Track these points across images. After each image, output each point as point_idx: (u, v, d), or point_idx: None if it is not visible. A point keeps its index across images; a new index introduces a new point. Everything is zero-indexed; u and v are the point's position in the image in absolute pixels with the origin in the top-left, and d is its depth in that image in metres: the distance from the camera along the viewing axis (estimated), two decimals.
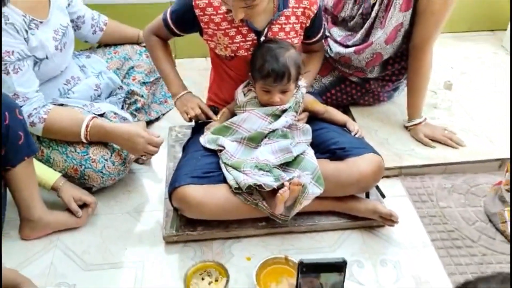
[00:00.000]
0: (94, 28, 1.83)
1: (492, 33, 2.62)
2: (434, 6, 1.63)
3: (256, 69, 1.49)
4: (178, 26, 1.58)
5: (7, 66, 1.42)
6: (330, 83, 1.95)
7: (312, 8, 1.55)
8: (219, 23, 1.50)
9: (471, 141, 1.84)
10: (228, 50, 1.56)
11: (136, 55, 1.94)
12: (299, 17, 1.55)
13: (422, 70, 1.76)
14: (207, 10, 1.49)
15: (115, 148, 1.61)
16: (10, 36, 1.42)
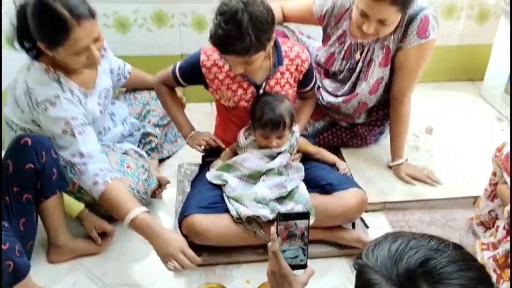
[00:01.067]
0: (120, 76, 2.03)
1: (471, 82, 2.85)
2: (408, 63, 1.86)
3: (256, 119, 1.71)
4: (185, 79, 1.80)
5: (73, 129, 1.58)
6: (322, 127, 2.17)
7: (304, 64, 1.78)
8: (223, 80, 1.73)
9: (448, 180, 2.03)
10: (231, 102, 1.78)
11: (153, 100, 2.14)
12: (292, 72, 1.78)
13: (401, 118, 1.99)
14: (212, 69, 1.72)
15: (140, 179, 1.78)
16: (74, 105, 1.60)
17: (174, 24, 2.47)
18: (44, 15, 1.45)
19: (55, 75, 1.59)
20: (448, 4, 2.61)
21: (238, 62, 1.58)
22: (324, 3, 1.95)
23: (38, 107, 1.56)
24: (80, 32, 1.46)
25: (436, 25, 1.82)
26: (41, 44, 1.51)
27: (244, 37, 1.47)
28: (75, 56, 1.52)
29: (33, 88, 1.56)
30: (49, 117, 1.56)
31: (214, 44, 1.55)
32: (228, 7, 1.49)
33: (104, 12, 2.39)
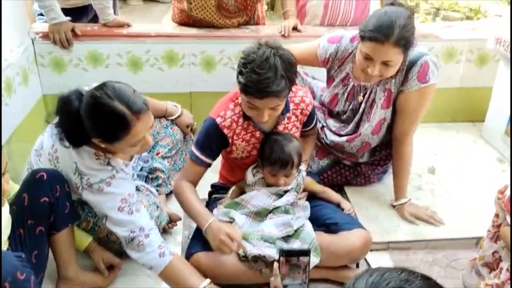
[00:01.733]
0: None
1: (472, 124, 2.91)
2: (409, 106, 1.94)
3: (265, 157, 1.77)
4: (210, 153, 1.77)
5: (131, 207, 1.60)
6: (327, 165, 2.23)
7: (308, 108, 1.87)
8: (239, 133, 1.79)
9: (451, 220, 2.06)
10: (244, 152, 1.84)
11: (163, 129, 2.17)
12: (298, 116, 1.87)
13: (404, 158, 2.04)
14: (231, 126, 1.77)
15: (153, 216, 1.79)
16: (128, 182, 1.66)
17: (184, 64, 2.58)
18: (103, 115, 1.47)
19: (106, 159, 1.61)
20: (449, 48, 2.71)
21: (268, 108, 1.63)
22: (328, 47, 2.04)
23: (91, 187, 1.57)
24: (139, 126, 1.50)
25: (436, 70, 1.90)
26: (96, 139, 1.53)
27: (280, 79, 1.56)
28: (130, 148, 1.56)
29: (86, 172, 1.58)
30: (104, 196, 1.58)
31: (250, 90, 1.58)
32: (258, 54, 1.57)
33: (118, 51, 2.50)
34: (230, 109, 1.77)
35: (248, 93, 1.59)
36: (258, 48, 1.59)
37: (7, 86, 2.06)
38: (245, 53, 1.62)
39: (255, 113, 1.67)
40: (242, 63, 1.60)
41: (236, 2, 2.49)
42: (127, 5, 6.28)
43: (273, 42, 1.64)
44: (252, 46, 1.63)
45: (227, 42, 2.55)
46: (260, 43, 1.62)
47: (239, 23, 2.62)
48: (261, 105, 1.62)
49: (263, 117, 1.65)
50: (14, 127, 2.12)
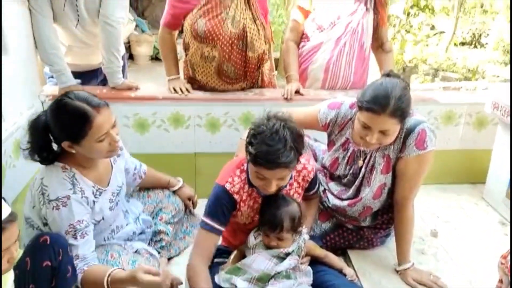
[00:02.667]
0: (135, 176, 2.15)
1: (473, 185, 2.94)
2: (408, 172, 1.97)
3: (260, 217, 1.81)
4: (224, 220, 1.79)
5: (76, 232, 1.68)
6: (329, 228, 2.23)
7: (310, 175, 1.92)
8: (245, 199, 1.84)
9: (454, 285, 2.04)
10: (248, 218, 1.87)
11: (165, 198, 2.24)
12: (300, 182, 1.91)
13: (405, 222, 2.05)
14: (240, 192, 1.81)
15: None
16: (82, 207, 1.71)
17: (189, 125, 2.65)
18: (66, 114, 1.65)
19: (71, 173, 1.72)
20: (447, 111, 2.78)
21: (276, 178, 1.68)
22: (328, 112, 2.11)
23: (49, 204, 1.67)
24: (100, 119, 1.66)
25: (434, 137, 1.95)
26: (66, 143, 1.67)
27: (289, 151, 1.61)
28: (98, 144, 1.67)
29: (47, 185, 1.68)
30: (57, 217, 1.67)
31: (260, 161, 1.62)
32: (268, 127, 1.64)
33: (125, 114, 2.58)
34: (237, 175, 1.82)
35: (258, 164, 1.64)
36: (267, 120, 1.66)
37: (15, 148, 2.12)
38: (255, 125, 1.68)
39: (263, 183, 1.71)
40: (252, 134, 1.66)
41: (236, 69, 2.58)
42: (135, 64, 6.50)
43: (282, 114, 1.71)
44: (261, 117, 1.69)
45: (232, 104, 2.64)
46: (270, 115, 1.69)
47: (242, 88, 2.71)
48: (270, 175, 1.66)
49: (271, 187, 1.70)
50: (21, 188, 2.15)
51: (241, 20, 2.48)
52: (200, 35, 2.46)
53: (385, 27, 2.83)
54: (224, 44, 2.48)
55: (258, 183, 1.74)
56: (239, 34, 2.48)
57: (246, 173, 1.80)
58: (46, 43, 2.35)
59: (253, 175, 1.72)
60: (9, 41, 2.09)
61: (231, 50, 2.51)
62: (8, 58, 2.08)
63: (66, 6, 2.37)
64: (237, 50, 2.52)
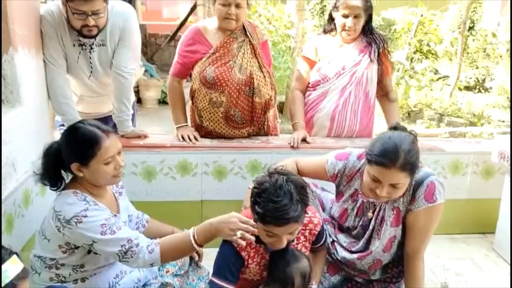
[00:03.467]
0: (138, 225, 2.15)
1: (483, 235, 2.90)
2: (418, 225, 1.95)
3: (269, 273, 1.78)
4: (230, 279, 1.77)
5: (112, 227, 1.73)
6: (338, 281, 2.18)
7: (317, 228, 1.91)
8: (253, 256, 1.82)
9: None
10: (256, 275, 1.86)
11: None
12: (306, 236, 1.90)
13: (416, 275, 2.01)
14: (247, 248, 1.79)
15: None
16: (103, 211, 1.77)
17: (196, 173, 2.66)
18: (78, 136, 1.77)
19: (82, 196, 1.78)
20: (454, 160, 2.78)
21: (286, 233, 1.67)
22: (336, 163, 2.12)
23: (69, 223, 1.70)
24: (108, 142, 1.77)
25: (443, 190, 1.95)
26: (74, 165, 1.76)
27: (296, 204, 1.62)
28: (105, 166, 1.76)
29: (60, 209, 1.73)
30: (83, 228, 1.70)
31: (268, 220, 1.61)
32: (271, 183, 1.64)
33: (133, 161, 2.60)
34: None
35: (267, 222, 1.63)
36: (269, 177, 1.66)
37: (24, 198, 2.12)
38: (257, 183, 1.68)
39: (273, 240, 1.70)
40: (256, 193, 1.66)
41: (243, 114, 2.63)
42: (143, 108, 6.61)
43: (283, 169, 1.72)
44: (263, 175, 1.70)
45: (239, 152, 2.66)
46: (270, 171, 1.69)
47: (248, 133, 2.75)
48: (281, 232, 1.66)
49: (282, 243, 1.69)
50: (28, 237, 2.15)
51: (248, 67, 2.58)
52: (209, 81, 2.53)
53: (389, 77, 2.89)
54: (232, 90, 2.55)
55: (268, 241, 1.72)
56: (246, 81, 2.56)
57: None
58: (59, 93, 2.40)
59: (263, 234, 1.71)
60: (23, 92, 2.14)
61: (238, 96, 2.56)
62: (21, 108, 2.13)
63: (80, 58, 2.44)
64: (244, 95, 2.59)
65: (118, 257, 1.72)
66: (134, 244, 1.72)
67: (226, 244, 1.78)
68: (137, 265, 1.75)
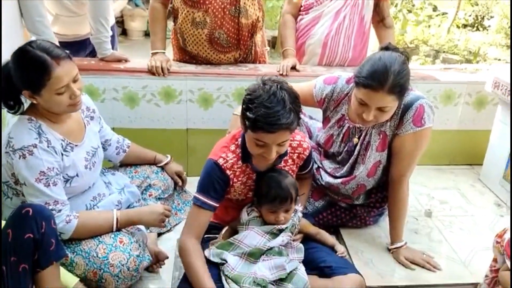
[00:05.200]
0: (118, 150, 2.10)
1: (471, 167, 2.90)
2: (405, 149, 1.92)
3: (263, 195, 1.74)
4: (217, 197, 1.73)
5: (48, 180, 1.67)
6: (322, 206, 2.19)
7: (305, 152, 1.86)
8: (239, 175, 1.77)
9: (447, 266, 2.01)
10: (241, 195, 1.82)
11: (153, 174, 2.18)
12: (294, 160, 1.85)
13: (400, 201, 2.00)
14: (233, 167, 1.74)
15: (132, 255, 1.75)
16: (50, 155, 1.69)
17: (181, 100, 2.58)
18: (25, 62, 1.62)
19: (37, 123, 1.70)
20: (447, 90, 2.72)
21: (276, 142, 1.61)
22: (324, 87, 2.04)
23: (15, 154, 1.65)
24: (59, 70, 1.63)
25: (432, 113, 1.89)
26: (26, 92, 1.66)
27: (289, 112, 1.56)
28: (58, 96, 1.65)
29: (13, 136, 1.67)
30: (25, 165, 1.65)
31: (260, 125, 1.55)
32: (265, 89, 1.57)
33: (114, 86, 2.51)
34: (231, 151, 1.75)
35: (257, 129, 1.57)
36: (263, 84, 1.60)
37: None
38: (250, 90, 1.61)
39: (262, 151, 1.64)
40: (248, 100, 1.59)
41: (228, 37, 2.51)
42: (128, 40, 6.38)
43: (277, 77, 1.65)
44: (256, 83, 1.63)
45: (225, 79, 2.57)
46: (264, 79, 1.62)
47: (235, 58, 2.63)
48: (271, 140, 1.59)
49: (271, 153, 1.63)
50: None
51: None
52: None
53: (387, 1, 2.74)
54: (216, 9, 2.41)
55: (257, 152, 1.66)
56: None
57: (240, 148, 1.74)
58: (33, 11, 2.26)
59: (252, 144, 1.65)
60: None
61: (223, 16, 2.43)
62: None
63: None
64: (230, 16, 2.45)
65: None
66: (57, 208, 1.68)
67: (212, 160, 1.74)
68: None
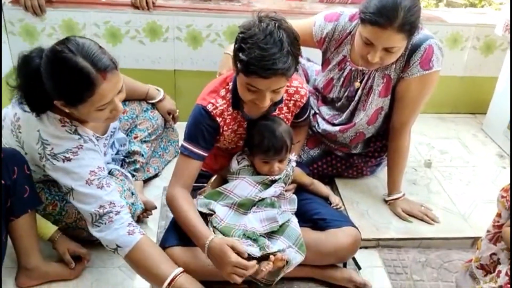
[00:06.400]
0: None
1: (473, 116, 2.79)
2: (409, 94, 1.78)
3: (256, 145, 1.60)
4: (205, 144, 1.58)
5: (101, 180, 1.45)
6: (317, 155, 2.08)
7: (303, 100, 1.70)
8: (229, 123, 1.62)
9: (446, 218, 1.94)
10: (231, 143, 1.68)
11: (142, 112, 2.03)
12: (290, 107, 1.70)
13: (400, 150, 1.90)
14: (223, 114, 1.59)
15: (127, 202, 1.62)
16: (98, 154, 1.50)
17: (168, 38, 2.40)
18: (64, 72, 1.32)
19: (72, 127, 1.46)
20: (454, 33, 2.54)
21: (270, 90, 1.45)
22: (325, 25, 1.86)
23: (55, 158, 1.42)
24: (105, 87, 1.34)
25: (441, 56, 1.74)
26: (59, 102, 1.38)
27: (286, 55, 1.38)
28: (97, 112, 1.40)
29: (50, 141, 1.43)
30: (70, 167, 1.42)
31: (253, 69, 1.38)
32: (261, 28, 1.38)
33: (95, 21, 2.32)
34: (221, 96, 1.59)
35: (250, 72, 1.39)
36: (259, 21, 1.40)
37: None
38: (244, 27, 1.41)
39: (255, 97, 1.47)
40: (241, 38, 1.40)
41: None
42: None
43: (275, 15, 1.44)
44: (251, 19, 1.42)
45: (216, 16, 2.37)
46: (261, 16, 1.42)
47: None
48: (265, 86, 1.42)
49: (265, 101, 1.46)
50: None
51: None
52: None
53: None
54: None
55: (249, 98, 1.49)
56: None
57: (231, 93, 1.59)
58: None
59: (243, 89, 1.48)
60: None
61: None
62: None
63: None
64: None
65: (90, 217, 1.44)
66: (115, 210, 1.44)
67: (200, 106, 1.58)
68: (105, 236, 1.44)
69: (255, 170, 1.68)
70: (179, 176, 1.60)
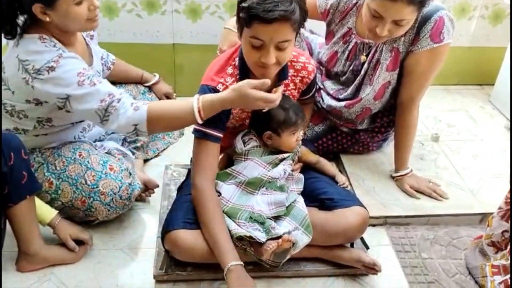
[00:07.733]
0: (103, 67, 1.87)
1: (480, 87, 2.72)
2: (418, 68, 1.72)
3: (282, 122, 1.57)
4: (220, 126, 1.53)
5: (91, 78, 1.44)
6: (322, 131, 2.03)
7: (310, 76, 1.63)
8: None
9: (454, 194, 1.90)
10: (238, 121, 1.62)
11: (140, 95, 2.01)
12: (297, 84, 1.64)
13: (408, 126, 1.84)
14: None
15: (124, 183, 1.62)
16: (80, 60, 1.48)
17: (166, 11, 2.31)
18: None
19: (51, 42, 1.45)
20: (462, 2, 2.45)
21: (275, 41, 1.37)
22: None
23: (40, 73, 1.41)
24: None
25: (452, 28, 1.67)
26: (37, 7, 1.39)
27: (289, 1, 1.34)
28: (76, 7, 1.41)
29: (27, 58, 1.42)
30: (58, 76, 1.41)
31: (254, 13, 1.32)
32: None
33: None
34: (229, 74, 1.53)
35: (252, 17, 1.33)
36: None
37: None
38: None
39: (260, 55, 1.41)
40: None
41: None
42: None
43: None
44: None
45: None
46: None
47: None
48: (268, 35, 1.36)
49: (270, 56, 1.38)
50: None
51: None
52: None
53: None
54: None
55: (254, 58, 1.42)
56: None
57: (238, 69, 1.53)
58: None
59: (248, 47, 1.42)
60: None
61: None
62: None
63: None
64: None
65: (98, 117, 1.43)
66: (115, 98, 1.43)
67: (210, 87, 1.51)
68: (118, 125, 1.44)
69: (265, 151, 1.64)
70: (203, 166, 1.53)
